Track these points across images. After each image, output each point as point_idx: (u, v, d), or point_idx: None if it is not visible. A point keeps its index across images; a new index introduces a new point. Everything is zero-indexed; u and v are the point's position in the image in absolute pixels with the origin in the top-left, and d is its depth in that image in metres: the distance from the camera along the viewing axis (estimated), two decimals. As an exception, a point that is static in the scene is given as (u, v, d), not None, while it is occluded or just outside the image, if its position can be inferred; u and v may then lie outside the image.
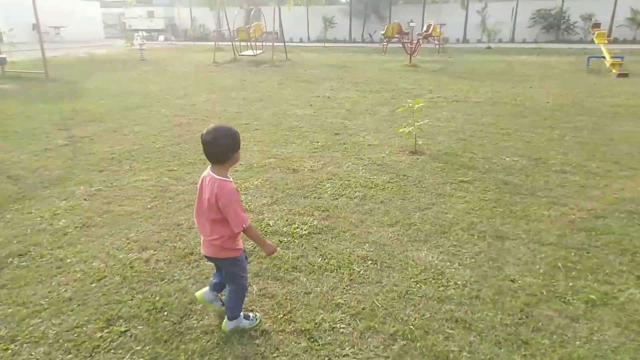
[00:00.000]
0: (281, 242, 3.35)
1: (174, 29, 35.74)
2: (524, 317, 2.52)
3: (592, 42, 16.09)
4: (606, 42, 15.30)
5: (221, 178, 2.18)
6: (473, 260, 3.12)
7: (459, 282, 2.85)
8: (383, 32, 19.56)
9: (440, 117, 7.58)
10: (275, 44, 16.90)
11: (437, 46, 21.11)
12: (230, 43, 18.00)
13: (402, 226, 3.62)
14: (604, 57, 13.91)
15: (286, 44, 18.77)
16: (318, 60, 17.82)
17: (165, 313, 2.57)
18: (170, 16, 36.57)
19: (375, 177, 4.74)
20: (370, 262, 3.09)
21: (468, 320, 2.48)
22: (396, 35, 18.73)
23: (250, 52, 17.05)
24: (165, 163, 5.24)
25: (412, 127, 5.58)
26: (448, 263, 3.08)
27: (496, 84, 11.29)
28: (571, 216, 3.78)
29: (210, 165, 2.24)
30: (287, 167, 5.02)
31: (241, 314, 2.43)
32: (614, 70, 12.66)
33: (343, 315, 2.55)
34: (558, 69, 14.20)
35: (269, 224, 3.64)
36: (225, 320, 2.42)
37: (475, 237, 3.45)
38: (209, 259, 2.41)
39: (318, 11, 31.65)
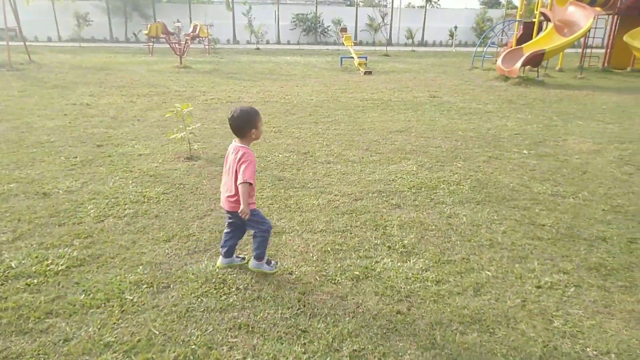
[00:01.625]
0: (29, 285, 2.76)
1: None
2: (301, 306, 2.65)
3: (343, 44, 18.47)
4: (353, 44, 17.77)
5: (244, 146, 2.71)
6: (253, 260, 3.14)
7: (240, 287, 2.83)
8: (146, 31, 18.48)
9: (216, 119, 7.55)
10: (11, 43, 14.14)
11: (206, 47, 21.08)
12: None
13: (180, 239, 3.42)
14: (353, 57, 16.15)
15: (28, 43, 15.95)
16: (72, 62, 15.73)
17: None
18: None
19: (148, 189, 4.38)
20: (145, 285, 2.81)
21: (251, 324, 2.47)
22: (162, 36, 17.95)
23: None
24: None
25: (184, 132, 5.37)
26: (229, 269, 3.03)
27: (266, 83, 11.88)
28: (336, 202, 4.19)
29: (235, 138, 2.77)
30: (35, 192, 4.21)
31: (265, 258, 2.94)
32: (361, 69, 14.79)
33: (114, 354, 2.23)
34: (318, 68, 15.83)
35: (11, 266, 2.96)
36: (251, 259, 2.94)
37: (254, 236, 3.50)
38: (230, 213, 2.83)
39: (68, 6, 27.85)
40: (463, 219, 3.88)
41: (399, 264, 3.13)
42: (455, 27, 30.17)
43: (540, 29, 15.40)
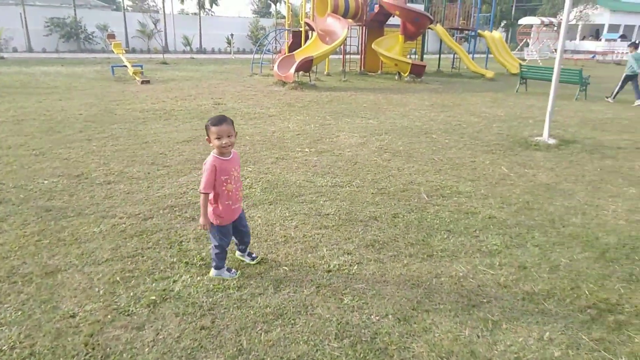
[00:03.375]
0: None
1: None
2: (90, 350, 2.31)
3: (113, 51, 16.96)
4: (124, 51, 16.49)
5: (212, 153, 2.79)
6: (20, 312, 2.61)
7: (4, 347, 2.31)
8: None
9: (-52, 146, 6.02)
10: None
11: None
12: None
13: None
14: (127, 66, 14.98)
15: None
16: None
17: None
18: None
19: None
20: None
21: (24, 390, 2.04)
22: None
23: None
24: None
25: None
26: (-14, 330, 2.44)
27: (18, 98, 10.07)
28: (122, 225, 3.81)
29: None
30: None
31: (225, 267, 3.02)
32: (137, 78, 13.84)
33: None
34: (85, 79, 14.19)
35: None
36: (211, 269, 3.02)
37: (20, 283, 2.91)
38: None
39: None
40: (258, 221, 3.99)
41: (198, 278, 3.02)
42: (232, 35, 30.98)
43: (307, 38, 17.02)
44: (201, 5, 36.72)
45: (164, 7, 32.48)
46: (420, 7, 20.10)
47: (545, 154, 6.48)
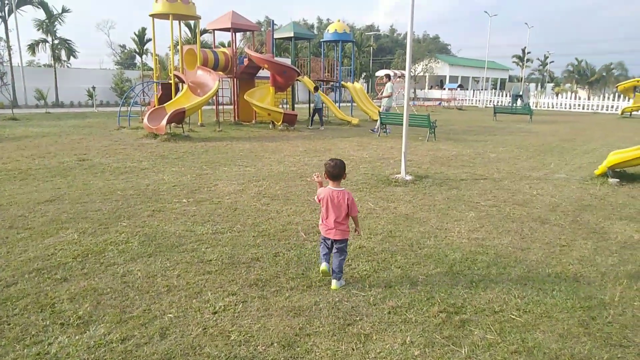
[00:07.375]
0: None
1: None
2: None
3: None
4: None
5: (344, 189, 3.71)
6: None
7: None
8: None
9: None
10: None
11: None
12: None
13: None
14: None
15: None
16: None
17: None
18: None
19: None
20: None
21: None
22: None
23: None
24: None
25: None
26: None
27: None
28: (-21, 295, 3.47)
29: (330, 184, 3.71)
30: None
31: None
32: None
33: None
34: None
35: None
36: (334, 282, 3.72)
37: None
38: (335, 241, 3.73)
39: None
40: (138, 274, 3.93)
41: (77, 337, 2.91)
42: (94, 87, 29.33)
43: (177, 90, 16.98)
44: (57, 58, 34.24)
45: (10, 58, 29.56)
46: (287, 61, 21.49)
47: (403, 189, 7.39)
